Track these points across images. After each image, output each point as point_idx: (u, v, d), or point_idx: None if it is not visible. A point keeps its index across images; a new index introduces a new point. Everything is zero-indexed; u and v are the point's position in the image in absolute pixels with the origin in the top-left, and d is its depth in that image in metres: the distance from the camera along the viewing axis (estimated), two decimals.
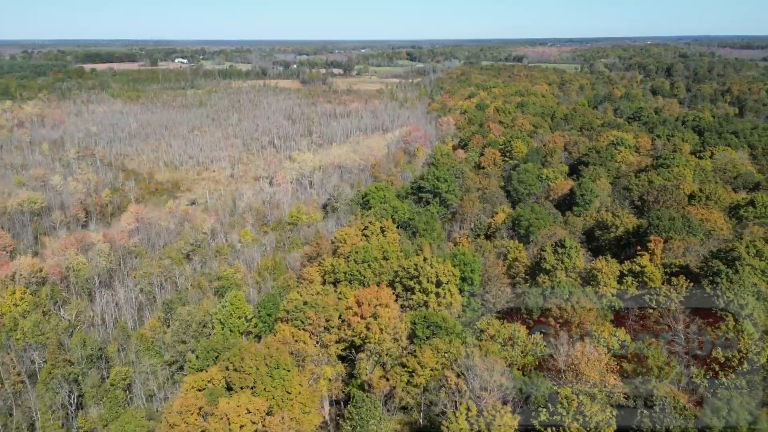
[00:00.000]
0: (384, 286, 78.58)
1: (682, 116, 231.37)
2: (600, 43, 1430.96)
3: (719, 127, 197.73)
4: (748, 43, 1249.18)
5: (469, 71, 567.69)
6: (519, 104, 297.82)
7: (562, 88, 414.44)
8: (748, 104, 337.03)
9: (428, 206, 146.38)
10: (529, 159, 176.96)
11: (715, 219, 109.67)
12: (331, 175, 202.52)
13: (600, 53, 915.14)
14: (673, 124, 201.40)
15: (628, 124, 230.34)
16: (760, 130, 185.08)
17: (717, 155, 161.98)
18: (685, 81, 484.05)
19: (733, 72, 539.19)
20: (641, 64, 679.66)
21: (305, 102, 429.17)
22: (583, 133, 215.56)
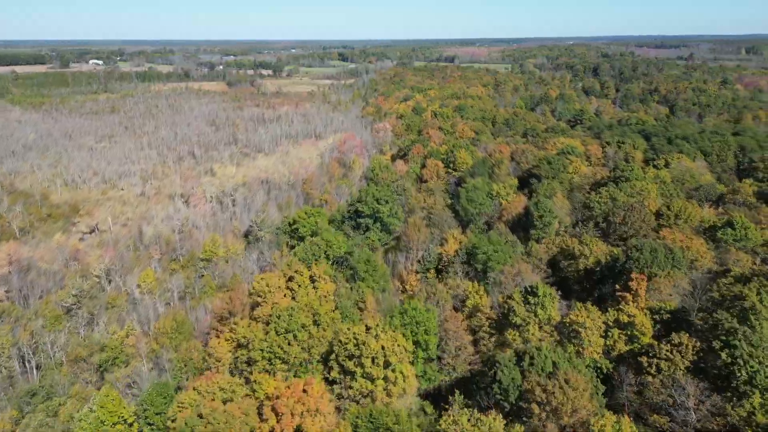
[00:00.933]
0: (313, 379, 56.87)
1: (625, 119, 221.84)
2: (526, 43, 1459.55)
3: (665, 131, 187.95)
4: (662, 43, 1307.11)
5: (402, 72, 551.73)
6: (457, 108, 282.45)
7: (497, 89, 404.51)
8: (678, 104, 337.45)
9: (368, 233, 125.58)
10: (475, 171, 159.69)
11: (696, 247, 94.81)
12: (256, 193, 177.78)
13: (528, 53, 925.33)
14: (620, 129, 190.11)
15: (572, 129, 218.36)
16: (708, 134, 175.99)
17: (673, 164, 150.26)
18: (613, 80, 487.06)
19: (656, 71, 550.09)
20: (568, 64, 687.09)
21: (231, 106, 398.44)
22: (528, 140, 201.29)
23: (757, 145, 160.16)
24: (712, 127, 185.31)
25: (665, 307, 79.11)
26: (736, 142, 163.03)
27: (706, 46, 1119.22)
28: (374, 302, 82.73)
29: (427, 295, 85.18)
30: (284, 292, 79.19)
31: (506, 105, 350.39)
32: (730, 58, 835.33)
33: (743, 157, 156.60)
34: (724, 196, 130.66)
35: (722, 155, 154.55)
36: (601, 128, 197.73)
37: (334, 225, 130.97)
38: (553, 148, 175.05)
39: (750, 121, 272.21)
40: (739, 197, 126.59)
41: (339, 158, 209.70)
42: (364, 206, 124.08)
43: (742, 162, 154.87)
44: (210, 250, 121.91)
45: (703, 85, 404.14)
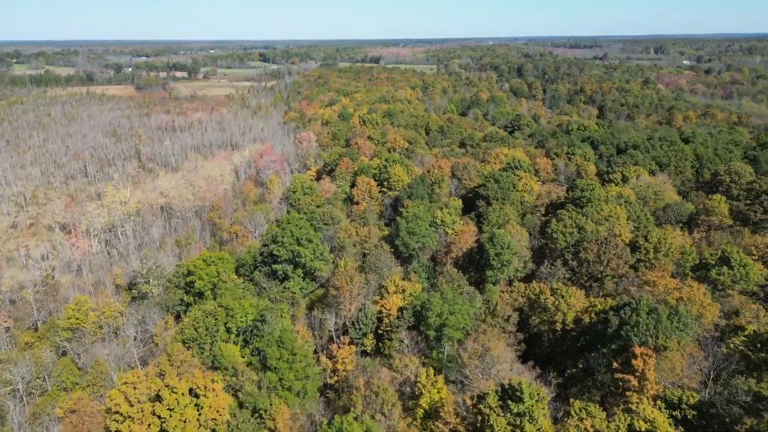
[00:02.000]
0: None
1: (565, 124, 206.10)
2: (449, 43, 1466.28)
3: (612, 138, 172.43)
4: (576, 43, 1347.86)
5: (327, 74, 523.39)
6: (387, 113, 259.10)
7: (425, 92, 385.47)
8: (607, 104, 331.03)
9: (287, 283, 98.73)
10: (413, 191, 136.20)
11: (698, 297, 75.12)
12: (153, 224, 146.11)
13: (452, 54, 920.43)
14: (565, 138, 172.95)
15: (511, 135, 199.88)
16: (658, 142, 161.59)
17: (631, 179, 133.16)
18: (538, 81, 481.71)
19: (577, 71, 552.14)
20: (492, 65, 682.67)
21: (137, 113, 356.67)
22: (467, 151, 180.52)
23: (713, 154, 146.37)
24: (660, 133, 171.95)
25: (686, 399, 58.13)
26: (690, 149, 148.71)
27: (617, 46, 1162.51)
28: (289, 420, 56.73)
29: (366, 398, 59.80)
30: (149, 419, 51.52)
31: (436, 108, 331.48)
32: (641, 57, 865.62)
33: (701, 168, 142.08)
34: (697, 218, 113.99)
35: (680, 166, 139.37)
36: (544, 136, 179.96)
37: (243, 272, 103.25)
38: (495, 161, 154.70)
39: (681, 121, 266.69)
40: (714, 218, 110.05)
41: (255, 176, 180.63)
42: (280, 249, 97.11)
43: (701, 173, 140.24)
44: (75, 315, 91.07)
45: (627, 85, 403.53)
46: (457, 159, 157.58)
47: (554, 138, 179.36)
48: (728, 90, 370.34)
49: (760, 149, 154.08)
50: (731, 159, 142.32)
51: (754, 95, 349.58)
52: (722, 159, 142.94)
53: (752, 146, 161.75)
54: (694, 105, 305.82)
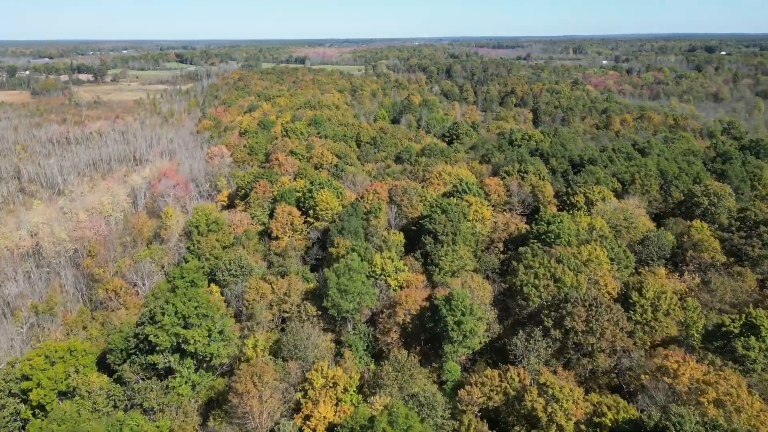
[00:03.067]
0: None
1: (508, 134, 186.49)
2: (375, 44, 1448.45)
3: (563, 150, 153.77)
4: (499, 43, 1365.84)
5: (248, 76, 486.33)
6: (313, 121, 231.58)
7: (354, 95, 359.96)
8: (541, 107, 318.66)
9: (171, 379, 70.15)
10: (345, 224, 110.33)
11: (743, 398, 53.98)
12: (16, 271, 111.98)
13: (379, 54, 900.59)
14: (513, 151, 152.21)
15: (450, 147, 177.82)
16: (614, 153, 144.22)
17: (596, 201, 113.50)
18: (468, 82, 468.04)
19: (506, 72, 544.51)
20: (420, 66, 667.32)
21: (27, 123, 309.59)
22: (404, 167, 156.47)
23: (677, 168, 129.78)
24: (615, 143, 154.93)
25: None
26: (654, 163, 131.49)
27: (538, 46, 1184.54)
28: None
29: None
30: None
31: (367, 114, 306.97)
32: (562, 57, 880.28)
33: (667, 186, 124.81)
34: (682, 253, 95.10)
35: (646, 184, 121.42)
36: (489, 150, 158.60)
37: (114, 359, 73.64)
38: (438, 181, 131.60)
39: (618, 125, 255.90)
40: (705, 255, 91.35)
41: (152, 205, 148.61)
42: (160, 334, 68.52)
43: (669, 192, 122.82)
44: None
45: (557, 86, 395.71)
46: (394, 181, 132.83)
47: (500, 151, 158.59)
48: (654, 90, 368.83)
49: (722, 161, 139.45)
50: (699, 175, 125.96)
51: (680, 95, 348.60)
52: (688, 174, 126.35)
53: (712, 157, 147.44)
54: (627, 107, 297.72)
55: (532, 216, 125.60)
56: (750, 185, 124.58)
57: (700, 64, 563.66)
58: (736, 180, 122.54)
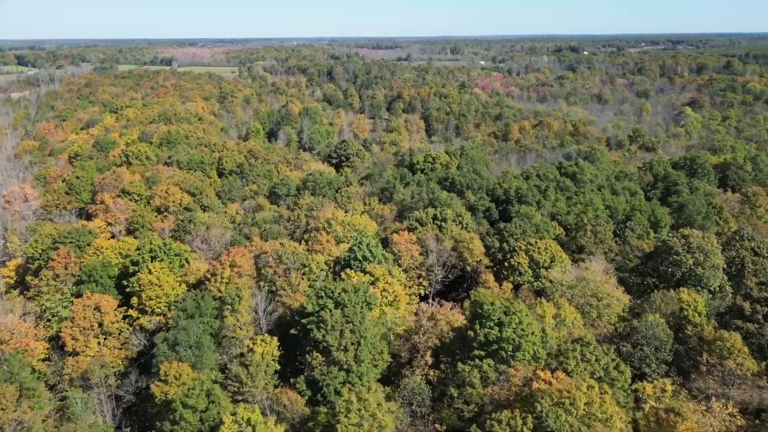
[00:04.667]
0: None
1: (408, 157, 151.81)
2: (251, 43, 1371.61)
3: (478, 179, 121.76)
4: (378, 44, 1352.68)
5: (98, 81, 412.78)
6: (164, 140, 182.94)
7: (223, 102, 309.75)
8: (431, 114, 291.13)
9: None
10: (178, 331, 68.39)
11: None
12: None
13: (255, 55, 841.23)
14: (421, 188, 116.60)
15: (342, 179, 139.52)
16: (539, 182, 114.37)
17: (542, 262, 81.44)
18: (351, 85, 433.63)
19: (389, 74, 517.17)
20: (300, 67, 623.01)
21: None
22: (280, 214, 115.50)
23: (625, 204, 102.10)
24: (539, 169, 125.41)
25: None
26: (599, 199, 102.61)
27: (416, 46, 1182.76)
28: None
29: None
30: None
31: (239, 125, 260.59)
32: (441, 58, 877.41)
33: (621, 230, 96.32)
34: (687, 352, 64.89)
35: (599, 231, 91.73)
36: (390, 183, 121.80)
37: None
38: (328, 239, 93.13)
39: (517, 133, 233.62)
40: (730, 362, 61.39)
41: None
42: None
43: (624, 237, 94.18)
44: None
45: (444, 89, 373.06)
46: (264, 243, 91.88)
47: (403, 183, 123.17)
48: (541, 92, 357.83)
49: (665, 188, 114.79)
50: (654, 212, 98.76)
51: (566, 97, 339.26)
52: (642, 212, 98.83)
53: (650, 182, 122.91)
54: (521, 112, 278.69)
55: (458, 285, 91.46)
56: (713, 222, 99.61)
57: (572, 65, 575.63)
58: (699, 217, 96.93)
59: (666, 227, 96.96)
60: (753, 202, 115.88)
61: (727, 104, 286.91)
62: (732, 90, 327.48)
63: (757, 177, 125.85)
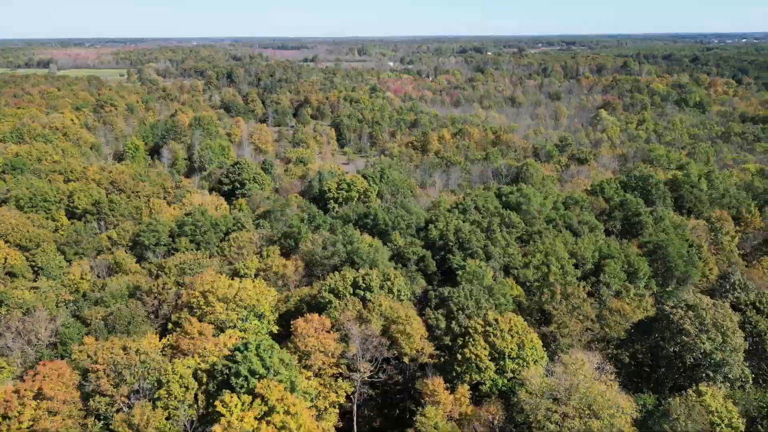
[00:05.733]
0: None
1: (318, 185, 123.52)
2: (146, 44, 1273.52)
3: (407, 216, 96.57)
4: (283, 44, 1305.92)
5: None
6: (9, 166, 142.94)
7: (99, 113, 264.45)
8: (343, 121, 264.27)
9: None
10: None
11: None
12: None
13: (148, 56, 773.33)
14: (333, 237, 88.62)
15: (232, 220, 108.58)
16: (480, 218, 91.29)
17: (510, 354, 57.50)
18: (253, 89, 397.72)
19: (295, 77, 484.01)
20: (197, 69, 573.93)
21: None
22: (137, 290, 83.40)
23: (590, 246, 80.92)
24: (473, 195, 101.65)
25: None
26: (560, 243, 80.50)
27: (323, 47, 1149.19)
28: None
29: None
30: None
31: (117, 139, 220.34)
32: (348, 59, 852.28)
33: (593, 284, 74.61)
34: None
35: (567, 293, 69.01)
36: (294, 227, 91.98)
37: None
38: (203, 331, 63.64)
39: (437, 143, 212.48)
40: None
41: None
42: None
43: (602, 297, 72.41)
44: None
45: (354, 94, 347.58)
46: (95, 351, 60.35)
47: (312, 227, 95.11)
48: (454, 96, 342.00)
49: (625, 217, 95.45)
50: (629, 259, 78.14)
51: (480, 101, 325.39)
52: (616, 260, 77.89)
53: (605, 209, 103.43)
54: (438, 118, 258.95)
55: (394, 387, 65.66)
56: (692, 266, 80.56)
57: (479, 66, 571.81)
58: (681, 263, 77.43)
59: (645, 277, 76.67)
60: (718, 228, 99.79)
61: (637, 105, 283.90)
62: (638, 91, 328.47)
63: (712, 196, 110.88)
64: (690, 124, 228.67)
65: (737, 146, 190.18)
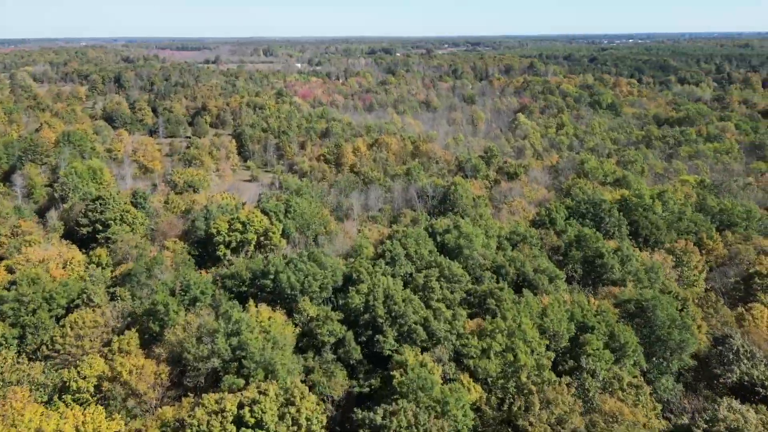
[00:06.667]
0: None
1: (204, 222, 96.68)
2: (28, 44, 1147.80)
3: (319, 276, 73.11)
4: (183, 45, 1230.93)
5: None
6: None
7: None
8: (246, 132, 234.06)
9: None
10: None
11: None
12: None
13: (25, 58, 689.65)
14: (224, 306, 63.53)
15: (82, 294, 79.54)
16: (419, 273, 70.04)
17: None
18: (145, 95, 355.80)
19: (193, 80, 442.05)
20: (82, 73, 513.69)
21: None
22: None
23: (564, 321, 61.56)
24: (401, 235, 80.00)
25: None
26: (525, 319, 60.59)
27: (226, 47, 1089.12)
28: None
29: None
30: None
31: None
32: (253, 60, 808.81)
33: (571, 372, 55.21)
34: None
35: (548, 398, 49.20)
36: (159, 305, 64.95)
37: None
38: None
39: (351, 156, 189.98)
40: None
41: None
42: None
43: (579, 385, 53.01)
44: None
45: (258, 99, 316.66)
46: None
47: (185, 299, 68.93)
48: (367, 100, 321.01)
49: (585, 257, 77.69)
50: (615, 335, 59.52)
51: (394, 105, 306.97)
52: (587, 324, 59.03)
53: (557, 247, 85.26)
54: (351, 126, 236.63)
55: None
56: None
57: (390, 67, 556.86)
58: (675, 331, 59.88)
59: (634, 354, 58.36)
60: (685, 262, 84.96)
61: (552, 108, 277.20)
62: (549, 92, 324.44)
63: (669, 220, 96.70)
64: (608, 128, 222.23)
65: (660, 152, 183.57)
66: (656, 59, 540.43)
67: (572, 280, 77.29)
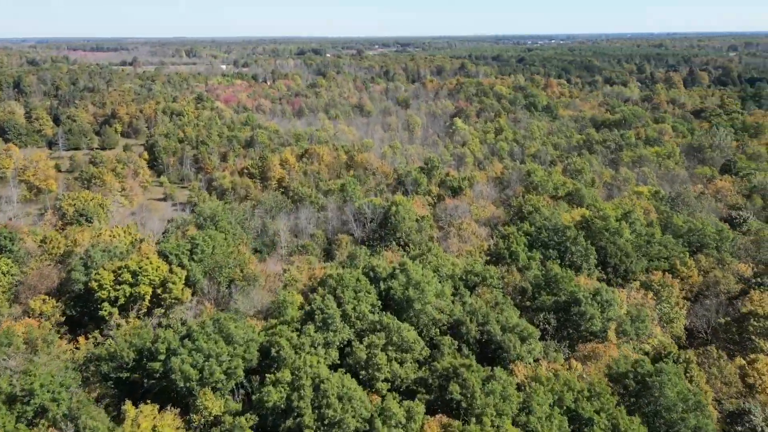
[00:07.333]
0: None
1: (84, 270, 75.89)
2: None
3: (222, 358, 55.00)
4: (98, 45, 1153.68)
5: None
6: None
7: None
8: (157, 146, 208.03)
9: None
10: None
11: None
12: None
13: None
14: (82, 420, 45.72)
15: None
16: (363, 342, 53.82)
17: None
18: (47, 103, 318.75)
19: (104, 84, 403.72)
20: None
21: None
22: None
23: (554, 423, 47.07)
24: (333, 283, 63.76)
25: None
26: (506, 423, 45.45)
27: (145, 48, 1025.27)
28: None
29: None
30: None
31: None
32: (175, 61, 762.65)
33: None
34: None
35: None
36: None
37: None
38: None
39: (278, 168, 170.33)
40: None
41: None
42: None
43: None
44: None
45: (176, 105, 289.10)
46: None
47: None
48: (296, 104, 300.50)
49: (558, 308, 63.98)
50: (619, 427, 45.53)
51: (326, 110, 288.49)
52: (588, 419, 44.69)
53: (521, 288, 70.97)
54: (279, 134, 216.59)
55: None
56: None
57: (320, 68, 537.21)
58: (690, 416, 46.72)
59: None
60: (665, 297, 73.31)
61: (488, 111, 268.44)
62: (484, 94, 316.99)
63: (637, 245, 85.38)
64: (548, 132, 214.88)
65: (603, 156, 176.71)
66: (581, 60, 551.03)
67: (545, 335, 63.32)
